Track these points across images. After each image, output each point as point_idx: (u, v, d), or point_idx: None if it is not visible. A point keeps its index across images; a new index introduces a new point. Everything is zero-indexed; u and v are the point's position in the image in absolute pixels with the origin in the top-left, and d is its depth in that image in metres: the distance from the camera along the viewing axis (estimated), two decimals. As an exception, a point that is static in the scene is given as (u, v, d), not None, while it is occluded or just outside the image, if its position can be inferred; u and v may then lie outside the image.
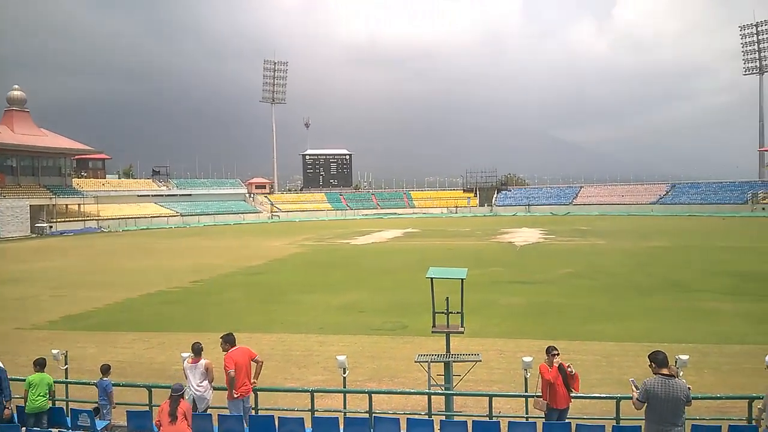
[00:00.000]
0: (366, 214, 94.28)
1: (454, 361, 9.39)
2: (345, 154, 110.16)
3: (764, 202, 77.03)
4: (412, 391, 10.45)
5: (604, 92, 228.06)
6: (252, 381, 8.27)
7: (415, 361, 9.66)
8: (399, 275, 27.33)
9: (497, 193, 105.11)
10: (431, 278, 9.96)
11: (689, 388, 5.91)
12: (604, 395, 8.41)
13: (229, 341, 8.26)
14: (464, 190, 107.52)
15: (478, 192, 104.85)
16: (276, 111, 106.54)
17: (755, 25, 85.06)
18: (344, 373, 8.74)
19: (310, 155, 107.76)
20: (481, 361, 9.76)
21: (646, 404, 5.87)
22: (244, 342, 15.54)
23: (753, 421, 7.15)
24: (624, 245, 39.75)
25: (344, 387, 8.89)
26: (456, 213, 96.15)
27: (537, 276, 26.47)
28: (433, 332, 10.09)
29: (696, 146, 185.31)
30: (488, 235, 51.62)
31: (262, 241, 49.98)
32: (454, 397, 9.39)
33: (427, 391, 9.00)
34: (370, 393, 8.17)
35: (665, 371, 5.77)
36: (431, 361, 9.36)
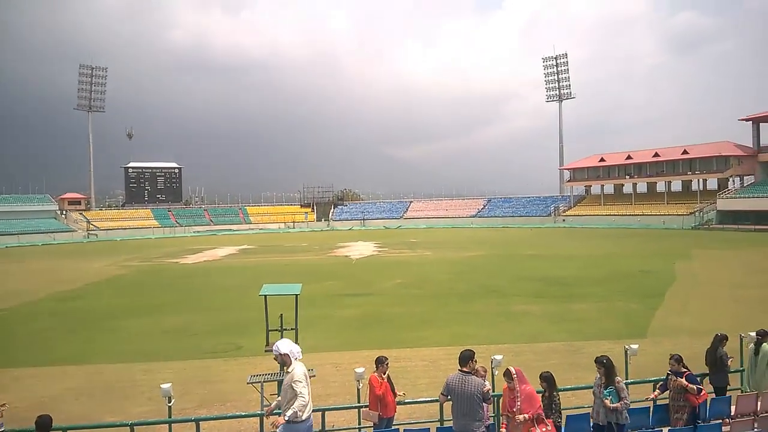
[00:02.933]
0: (198, 231, 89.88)
1: (288, 379, 9.32)
2: (174, 168, 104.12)
3: (564, 214, 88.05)
4: (243, 414, 10.15)
5: (432, 113, 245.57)
6: None
7: (248, 383, 9.42)
8: (233, 294, 26.45)
9: (334, 208, 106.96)
10: (265, 295, 9.83)
11: (487, 387, 6.51)
12: (429, 399, 8.94)
13: None
14: (302, 206, 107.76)
15: (315, 207, 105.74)
16: (93, 120, 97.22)
17: (555, 58, 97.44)
18: (169, 402, 8.23)
19: (133, 168, 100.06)
20: (315, 376, 9.80)
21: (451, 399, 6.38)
22: (56, 376, 13.96)
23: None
24: (448, 255, 42.81)
25: (169, 417, 8.37)
26: (294, 228, 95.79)
27: (371, 288, 27.38)
28: (266, 351, 9.93)
29: (509, 164, 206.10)
30: (325, 250, 52.21)
31: (78, 262, 45.12)
32: (288, 415, 9.31)
33: (259, 412, 8.81)
34: (197, 420, 7.79)
35: (465, 368, 6.33)
36: (264, 381, 9.20)
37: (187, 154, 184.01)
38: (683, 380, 7.37)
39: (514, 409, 6.23)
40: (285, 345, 6.39)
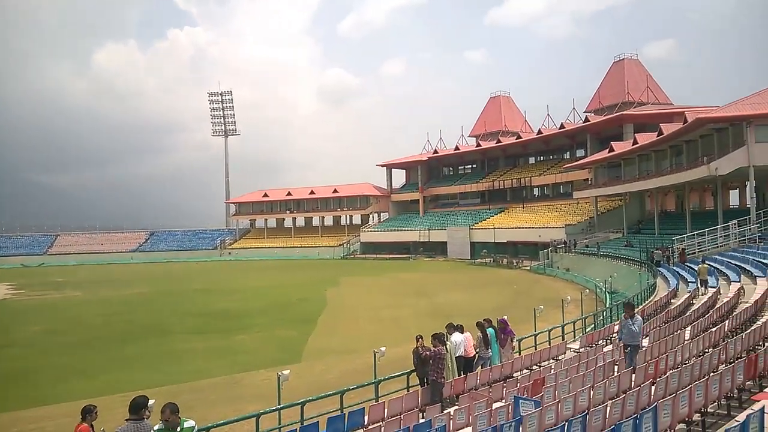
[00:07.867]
0: None
1: None
2: None
3: (230, 247, 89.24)
4: None
5: (89, 137, 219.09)
6: None
7: None
8: None
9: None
10: None
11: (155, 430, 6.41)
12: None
13: None
14: None
15: None
16: None
17: (220, 94, 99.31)
18: None
19: None
20: None
21: None
22: None
23: None
24: (103, 295, 39.01)
25: None
26: None
27: (3, 339, 23.06)
28: None
29: (176, 196, 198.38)
30: (-68, 297, 41.54)
31: None
32: None
33: None
34: None
35: (136, 416, 6.15)
36: None
37: None
38: None
39: None
40: None
